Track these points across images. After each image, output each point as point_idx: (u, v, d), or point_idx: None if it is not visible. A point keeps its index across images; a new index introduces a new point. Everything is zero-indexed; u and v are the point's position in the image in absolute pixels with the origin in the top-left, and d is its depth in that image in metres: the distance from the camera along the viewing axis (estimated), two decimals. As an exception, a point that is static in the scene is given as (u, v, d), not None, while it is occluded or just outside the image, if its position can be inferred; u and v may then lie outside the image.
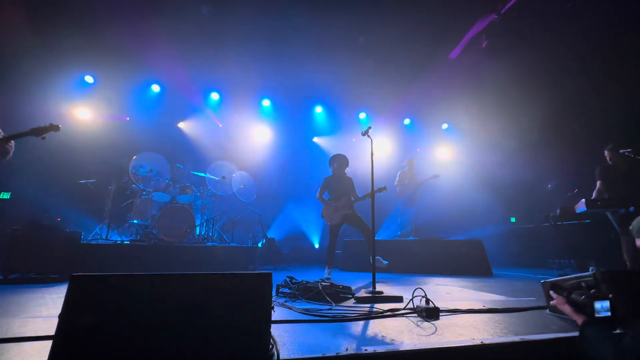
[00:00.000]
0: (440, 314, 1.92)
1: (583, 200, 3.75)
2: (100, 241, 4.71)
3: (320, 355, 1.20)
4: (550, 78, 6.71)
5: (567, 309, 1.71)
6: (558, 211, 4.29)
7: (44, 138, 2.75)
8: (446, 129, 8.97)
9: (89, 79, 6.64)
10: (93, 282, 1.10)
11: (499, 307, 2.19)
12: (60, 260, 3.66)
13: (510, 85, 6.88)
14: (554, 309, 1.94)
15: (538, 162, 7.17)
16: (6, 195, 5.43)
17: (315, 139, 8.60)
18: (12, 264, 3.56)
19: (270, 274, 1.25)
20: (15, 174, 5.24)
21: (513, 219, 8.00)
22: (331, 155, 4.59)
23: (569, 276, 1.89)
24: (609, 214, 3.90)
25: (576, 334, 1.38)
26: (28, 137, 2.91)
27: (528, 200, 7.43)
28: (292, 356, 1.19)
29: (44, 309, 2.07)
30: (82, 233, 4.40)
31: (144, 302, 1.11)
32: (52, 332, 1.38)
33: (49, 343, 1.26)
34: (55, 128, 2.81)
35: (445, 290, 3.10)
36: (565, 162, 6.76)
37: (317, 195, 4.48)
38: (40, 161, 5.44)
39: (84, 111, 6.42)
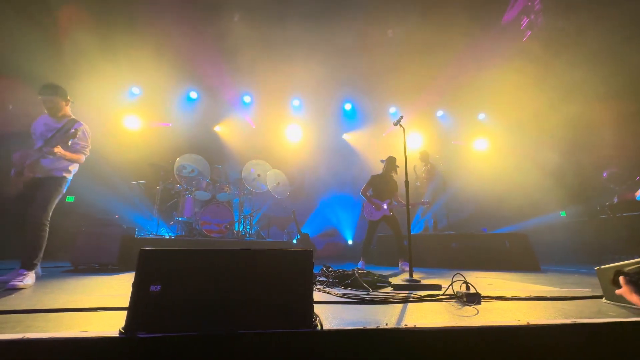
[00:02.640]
0: (482, 299, 1.87)
1: (645, 185, 3.40)
2: (151, 236, 5.14)
3: (362, 327, 1.24)
4: (607, 55, 6.11)
5: (634, 298, 1.58)
6: (616, 199, 3.91)
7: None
8: (483, 119, 8.53)
9: (136, 90, 7.27)
10: (158, 255, 1.25)
11: (548, 295, 2.07)
12: (119, 253, 4.08)
13: (559, 65, 6.37)
14: (616, 298, 1.79)
15: (591, 148, 6.57)
16: (71, 199, 6.13)
17: (345, 136, 8.62)
18: (79, 256, 4.01)
19: (312, 250, 1.33)
20: (78, 180, 5.89)
21: (563, 213, 7.39)
22: (388, 156, 4.77)
23: (628, 261, 1.75)
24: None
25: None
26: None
27: (580, 191, 6.82)
28: (335, 327, 1.25)
29: (112, 290, 2.35)
30: (136, 229, 4.86)
31: (201, 273, 1.24)
32: (121, 305, 1.58)
33: (120, 312, 1.45)
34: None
35: (487, 282, 2.99)
36: (623, 148, 6.12)
37: (362, 190, 4.72)
38: (98, 166, 6.04)
39: (132, 119, 7.04)
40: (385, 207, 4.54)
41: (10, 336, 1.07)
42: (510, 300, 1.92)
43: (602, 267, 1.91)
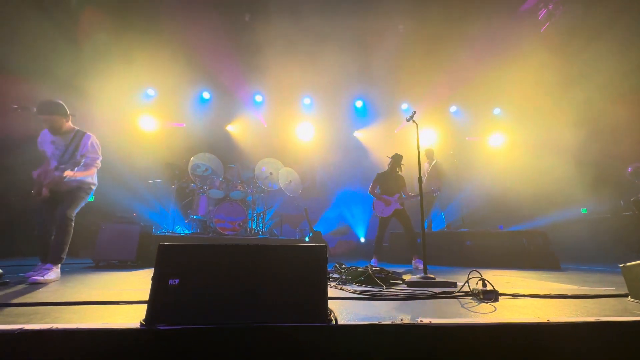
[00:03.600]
0: (500, 297, 1.83)
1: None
2: (167, 234, 5.27)
3: (376, 322, 1.24)
4: (634, 48, 5.82)
5: None
6: (641, 195, 3.74)
7: None
8: (498, 114, 8.31)
9: (151, 92, 7.45)
10: (176, 250, 1.28)
11: (569, 293, 2.01)
12: (137, 250, 4.20)
13: (580, 57, 6.13)
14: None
15: (615, 143, 6.29)
16: (91, 198, 6.34)
17: (356, 133, 8.57)
18: (100, 253, 4.15)
19: (326, 245, 1.33)
20: (99, 180, 6.10)
21: (584, 210, 7.12)
22: (395, 154, 4.75)
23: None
24: None
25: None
26: (106, 155, 3.35)
27: (602, 187, 6.55)
28: (350, 322, 1.25)
29: (132, 285, 2.42)
30: (153, 227, 5.00)
31: (218, 267, 1.26)
32: (141, 298, 1.63)
33: (140, 306, 1.50)
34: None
35: (504, 280, 2.92)
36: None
37: (370, 189, 4.74)
38: (116, 166, 6.24)
39: (148, 120, 7.22)
40: (394, 201, 4.52)
41: (40, 326, 1.12)
42: (529, 298, 1.87)
43: (628, 264, 1.83)
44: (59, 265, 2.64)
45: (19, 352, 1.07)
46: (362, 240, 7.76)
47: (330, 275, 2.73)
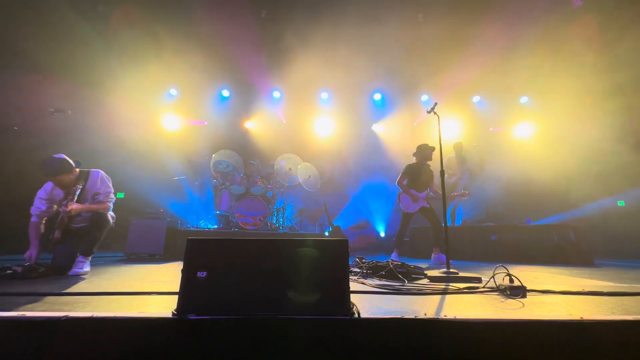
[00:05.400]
0: (528, 293, 1.77)
1: None
2: (191, 229, 5.48)
3: (399, 316, 1.24)
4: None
5: None
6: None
7: None
8: (525, 102, 7.90)
9: (173, 92, 7.69)
10: (204, 244, 1.34)
11: (604, 290, 1.90)
12: (164, 243, 4.40)
13: (618, 40, 5.70)
14: None
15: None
16: (121, 195, 6.69)
17: (375, 127, 8.45)
18: (131, 247, 4.38)
19: (347, 240, 1.34)
20: (128, 178, 6.43)
21: (621, 203, 6.68)
22: (418, 145, 4.58)
23: None
24: None
25: None
26: (134, 153, 3.45)
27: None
28: (372, 316, 1.25)
29: (162, 277, 2.55)
30: (178, 222, 5.20)
31: (243, 260, 1.31)
32: (171, 289, 1.72)
33: (170, 297, 1.57)
34: None
35: (533, 275, 2.81)
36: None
37: (398, 180, 4.54)
38: (143, 164, 6.52)
39: (172, 119, 7.47)
40: (423, 199, 4.40)
41: (83, 314, 1.22)
42: (560, 295, 1.80)
43: (671, 260, 1.71)
44: (90, 257, 2.77)
45: (65, 337, 1.16)
46: (382, 234, 7.70)
47: (351, 270, 2.74)
